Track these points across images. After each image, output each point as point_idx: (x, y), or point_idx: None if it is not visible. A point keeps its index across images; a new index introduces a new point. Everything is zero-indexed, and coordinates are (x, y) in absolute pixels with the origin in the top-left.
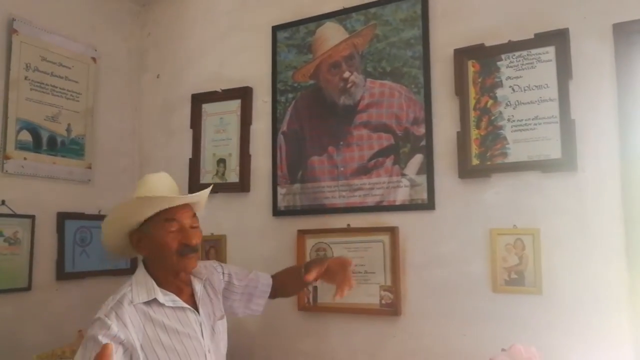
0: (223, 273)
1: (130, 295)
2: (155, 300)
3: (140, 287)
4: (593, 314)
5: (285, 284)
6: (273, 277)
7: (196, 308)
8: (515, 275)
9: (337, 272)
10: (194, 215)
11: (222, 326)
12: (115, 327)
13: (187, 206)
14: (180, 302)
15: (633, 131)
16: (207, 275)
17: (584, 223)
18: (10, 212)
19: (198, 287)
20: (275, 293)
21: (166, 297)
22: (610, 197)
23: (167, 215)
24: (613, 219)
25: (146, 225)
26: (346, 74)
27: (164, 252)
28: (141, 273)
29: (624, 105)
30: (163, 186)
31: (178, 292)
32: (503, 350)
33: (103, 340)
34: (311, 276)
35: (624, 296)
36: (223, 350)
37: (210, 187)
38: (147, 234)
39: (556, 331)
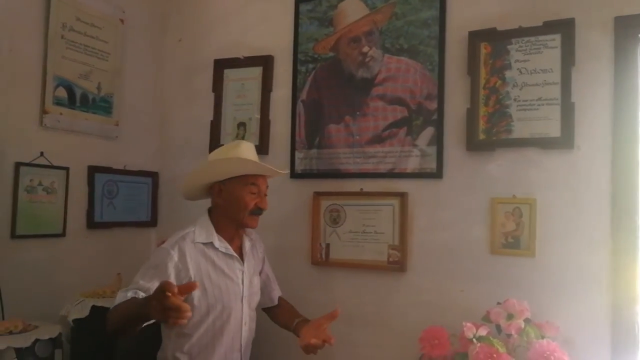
0: (263, 255)
1: (192, 235)
2: (211, 244)
3: (202, 230)
4: (577, 277)
5: (279, 316)
6: (279, 300)
7: (242, 259)
8: (511, 239)
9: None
10: (267, 185)
11: (257, 281)
12: (176, 257)
13: (266, 176)
14: (231, 251)
15: (625, 116)
16: (255, 237)
17: (575, 196)
18: (48, 164)
19: (247, 243)
20: (269, 311)
21: (221, 244)
22: (600, 173)
23: (253, 180)
24: (601, 193)
25: (230, 181)
26: (365, 49)
27: (239, 207)
28: (205, 219)
29: (619, 92)
30: (253, 154)
31: (230, 241)
32: (499, 303)
33: (168, 266)
34: (301, 341)
35: (606, 263)
36: (255, 302)
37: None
38: (229, 188)
39: (545, 290)
